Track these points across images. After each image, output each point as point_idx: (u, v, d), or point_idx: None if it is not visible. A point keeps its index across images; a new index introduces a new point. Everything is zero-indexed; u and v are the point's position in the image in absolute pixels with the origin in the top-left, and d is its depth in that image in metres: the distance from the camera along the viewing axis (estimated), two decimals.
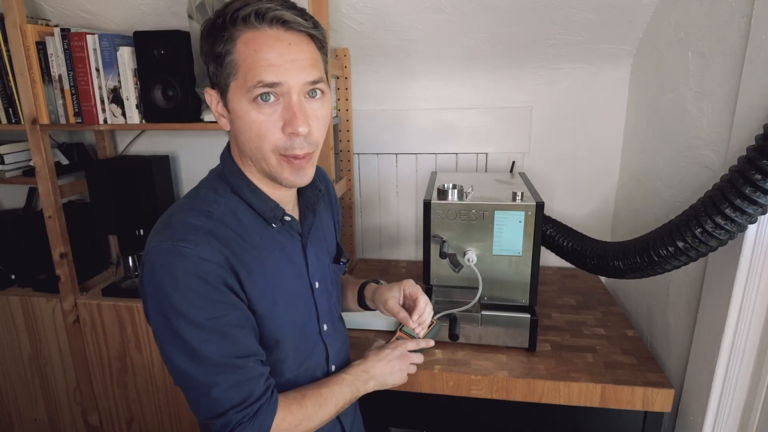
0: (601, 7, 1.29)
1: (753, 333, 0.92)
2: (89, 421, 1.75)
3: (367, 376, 0.91)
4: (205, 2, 1.33)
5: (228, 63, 0.70)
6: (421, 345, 1.00)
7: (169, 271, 0.68)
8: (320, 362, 0.90)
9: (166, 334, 0.70)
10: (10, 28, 1.39)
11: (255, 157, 0.74)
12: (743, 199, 0.79)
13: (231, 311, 0.72)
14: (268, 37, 0.69)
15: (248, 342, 0.74)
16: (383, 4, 1.37)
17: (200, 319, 0.69)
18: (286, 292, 0.82)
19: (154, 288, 0.69)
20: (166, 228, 0.72)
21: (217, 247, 0.71)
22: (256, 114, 0.70)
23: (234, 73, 0.70)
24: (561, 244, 1.16)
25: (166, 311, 0.69)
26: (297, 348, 0.84)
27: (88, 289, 1.69)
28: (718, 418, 0.98)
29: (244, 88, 0.69)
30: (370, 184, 1.76)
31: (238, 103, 0.71)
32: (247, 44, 0.69)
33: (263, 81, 0.68)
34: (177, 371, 0.71)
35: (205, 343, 0.70)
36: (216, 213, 0.75)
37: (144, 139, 1.82)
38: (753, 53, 0.86)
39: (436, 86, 1.62)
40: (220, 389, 0.70)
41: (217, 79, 0.73)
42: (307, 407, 0.80)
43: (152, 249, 0.70)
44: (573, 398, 1.07)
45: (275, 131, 0.71)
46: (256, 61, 0.68)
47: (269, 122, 0.70)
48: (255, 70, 0.68)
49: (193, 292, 0.69)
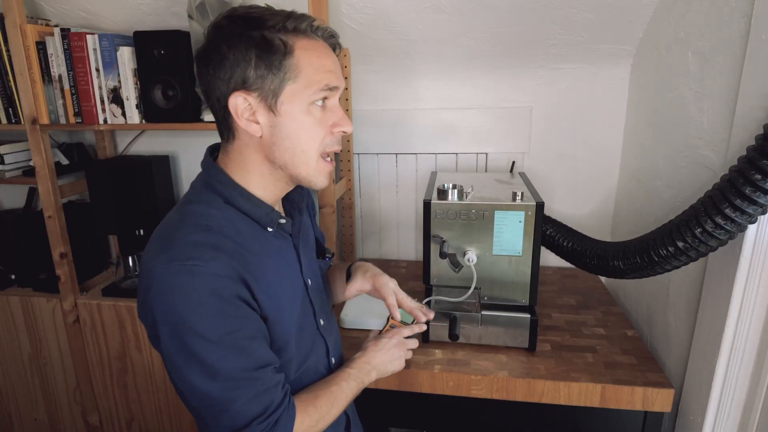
0: (601, 7, 1.29)
1: (753, 333, 0.92)
2: (89, 421, 1.75)
3: (369, 367, 0.93)
4: (205, 2, 1.33)
5: (287, 66, 0.72)
6: (415, 330, 1.02)
7: (182, 292, 0.67)
8: (321, 357, 0.91)
9: (181, 357, 0.69)
10: (10, 28, 1.39)
11: (296, 161, 0.76)
12: (743, 199, 0.79)
13: (246, 324, 0.72)
14: (322, 46, 0.75)
15: (263, 352, 0.74)
16: (383, 4, 1.37)
17: (216, 335, 0.68)
18: (288, 294, 0.82)
19: (164, 311, 0.68)
20: (166, 248, 0.70)
21: (225, 260, 0.70)
22: (311, 117, 0.75)
23: (294, 77, 0.72)
24: (561, 244, 1.16)
25: (180, 333, 0.68)
26: (299, 347, 0.84)
27: (88, 289, 1.69)
28: (718, 418, 0.98)
29: (306, 91, 0.73)
30: (370, 184, 1.76)
31: (293, 105, 0.73)
32: (306, 50, 0.73)
33: (329, 84, 0.74)
34: (195, 392, 0.70)
35: (222, 359, 0.69)
36: (214, 226, 0.74)
37: (144, 139, 1.82)
38: (753, 53, 0.86)
39: (436, 86, 1.62)
40: (241, 403, 0.70)
41: (263, 83, 0.72)
42: (321, 407, 0.81)
43: (160, 272, 0.68)
44: (573, 398, 1.07)
45: (325, 131, 0.77)
46: (320, 67, 0.73)
47: (321, 124, 0.76)
48: (321, 74, 0.73)
49: (207, 309, 0.68)
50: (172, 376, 0.73)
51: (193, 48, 1.38)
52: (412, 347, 1.01)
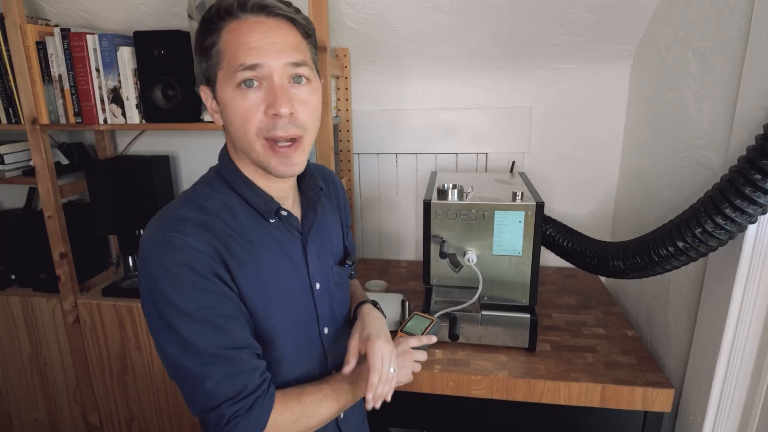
0: (601, 7, 1.29)
1: (753, 333, 0.92)
2: (89, 421, 1.75)
3: None
4: (205, 2, 1.33)
5: (214, 53, 0.73)
6: (424, 341, 0.98)
7: (159, 260, 0.69)
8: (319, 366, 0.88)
9: (159, 325, 0.70)
10: (10, 28, 1.39)
11: (243, 146, 0.75)
12: (743, 199, 0.79)
13: (221, 301, 0.72)
14: (250, 23, 0.71)
15: (241, 334, 0.73)
16: (383, 4, 1.37)
17: (190, 308, 0.69)
18: (283, 290, 0.80)
19: (146, 278, 0.70)
20: (159, 220, 0.73)
21: (207, 237, 0.71)
22: (241, 100, 0.71)
23: (219, 62, 0.72)
24: (561, 244, 1.16)
25: (157, 301, 0.69)
26: (297, 350, 0.82)
27: (88, 289, 1.69)
28: (718, 418, 0.98)
29: (228, 74, 0.71)
30: (370, 184, 1.76)
31: (225, 92, 0.73)
32: (230, 32, 0.72)
33: (244, 63, 0.70)
34: (170, 363, 0.71)
35: (195, 333, 0.69)
36: (210, 207, 0.75)
37: (144, 139, 1.82)
38: (753, 53, 0.86)
39: (436, 86, 1.62)
40: (213, 381, 0.70)
41: (207, 73, 0.75)
42: (306, 403, 0.78)
43: (144, 240, 0.71)
44: (573, 398, 1.07)
45: (258, 114, 0.72)
46: (238, 47, 0.71)
47: (252, 106, 0.72)
48: (237, 54, 0.70)
49: (181, 281, 0.69)
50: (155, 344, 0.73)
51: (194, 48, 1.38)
52: (419, 359, 0.96)
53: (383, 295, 1.45)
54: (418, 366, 0.97)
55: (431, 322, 1.03)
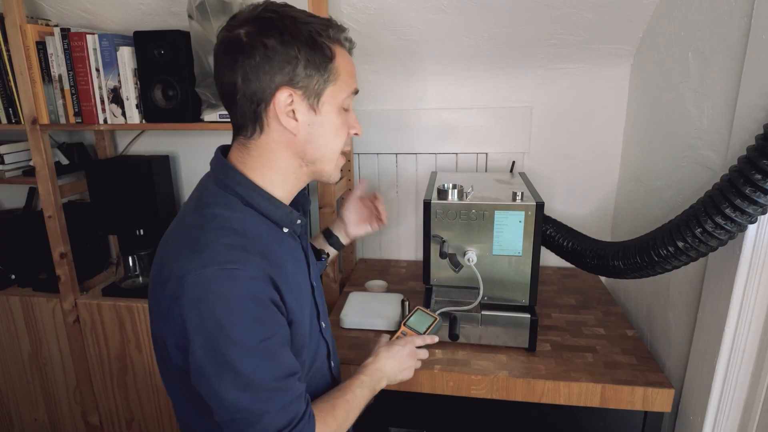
0: (601, 7, 1.29)
1: (753, 333, 0.92)
2: (89, 421, 1.75)
3: (380, 374, 0.92)
4: (205, 2, 1.33)
5: (331, 69, 0.75)
6: (428, 341, 1.02)
7: (221, 297, 0.65)
8: (324, 360, 0.91)
9: (214, 369, 0.66)
10: (10, 28, 1.39)
11: (325, 158, 0.80)
12: (743, 199, 0.79)
13: (278, 330, 0.71)
14: (349, 57, 0.81)
15: (290, 360, 0.73)
16: (383, 3, 1.37)
17: (253, 343, 0.67)
18: (302, 295, 0.82)
19: (199, 320, 0.65)
20: (199, 252, 0.68)
21: (258, 262, 0.69)
22: (341, 119, 0.80)
23: (334, 80, 0.76)
24: (561, 244, 1.16)
25: (216, 342, 0.65)
26: (309, 350, 0.84)
27: (88, 289, 1.69)
28: (718, 418, 0.98)
29: (342, 93, 0.78)
30: (370, 184, 1.76)
31: (333, 106, 0.77)
32: (342, 58, 0.78)
33: (357, 90, 0.82)
34: (226, 404, 0.68)
35: (257, 369, 0.67)
36: (239, 229, 0.72)
37: (144, 139, 1.82)
38: (753, 53, 0.86)
39: (436, 86, 1.62)
40: (271, 416, 0.68)
41: (309, 81, 0.74)
42: (339, 416, 0.81)
43: (194, 278, 0.66)
44: (573, 398, 1.07)
45: (347, 132, 0.82)
46: (350, 74, 0.79)
47: (345, 125, 0.81)
48: (351, 80, 0.80)
49: (246, 315, 0.66)
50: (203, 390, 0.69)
51: (194, 48, 1.38)
52: (422, 358, 1.01)
53: (383, 295, 1.45)
54: (419, 363, 1.01)
55: (434, 320, 1.06)
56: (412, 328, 1.04)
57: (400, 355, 0.96)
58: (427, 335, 1.02)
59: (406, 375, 0.97)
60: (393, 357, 0.95)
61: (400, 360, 0.95)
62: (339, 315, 1.32)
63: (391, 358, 0.95)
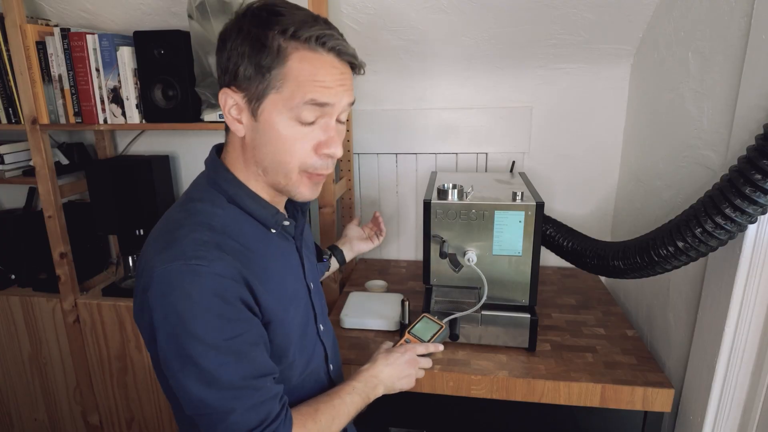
0: (601, 7, 1.29)
1: (753, 333, 0.92)
2: (89, 421, 1.75)
3: (376, 381, 0.89)
4: (205, 2, 1.33)
5: (275, 75, 0.69)
6: (431, 350, 0.99)
7: (184, 292, 0.65)
8: (321, 363, 0.90)
9: (177, 362, 0.66)
10: (10, 28, 1.39)
11: (274, 170, 0.73)
12: (743, 199, 0.79)
13: (248, 328, 0.70)
14: (325, 61, 0.70)
15: (263, 360, 0.72)
16: (383, 4, 1.37)
17: (217, 340, 0.66)
18: (290, 297, 0.81)
19: (164, 313, 0.66)
20: (168, 246, 0.68)
21: (230, 261, 0.68)
22: (293, 131, 0.70)
23: (279, 86, 0.69)
24: (561, 244, 1.16)
25: (179, 337, 0.65)
26: (301, 352, 0.83)
27: (88, 289, 1.69)
28: (718, 418, 0.98)
29: (289, 103, 0.69)
30: (370, 184, 1.76)
31: (276, 115, 0.70)
32: (302, 62, 0.69)
33: (315, 100, 0.69)
34: (191, 399, 0.67)
35: (222, 366, 0.66)
36: (217, 225, 0.71)
37: (144, 139, 1.82)
38: (753, 53, 0.86)
39: (436, 86, 1.62)
40: (238, 414, 0.67)
41: (249, 84, 0.70)
42: (321, 422, 0.78)
43: (160, 271, 0.66)
44: (573, 398, 1.07)
45: (308, 149, 0.72)
46: (311, 82, 0.69)
47: (305, 141, 0.71)
48: (307, 88, 0.69)
49: (209, 312, 0.65)
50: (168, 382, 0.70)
51: (194, 48, 1.38)
52: (424, 366, 0.97)
53: (383, 295, 1.45)
54: (422, 372, 0.98)
55: (440, 328, 1.03)
56: (416, 336, 1.01)
57: (399, 363, 0.93)
58: (431, 344, 0.99)
59: (406, 383, 0.93)
60: (391, 364, 0.92)
61: (399, 368, 0.92)
62: (339, 315, 1.32)
63: (389, 366, 0.92)
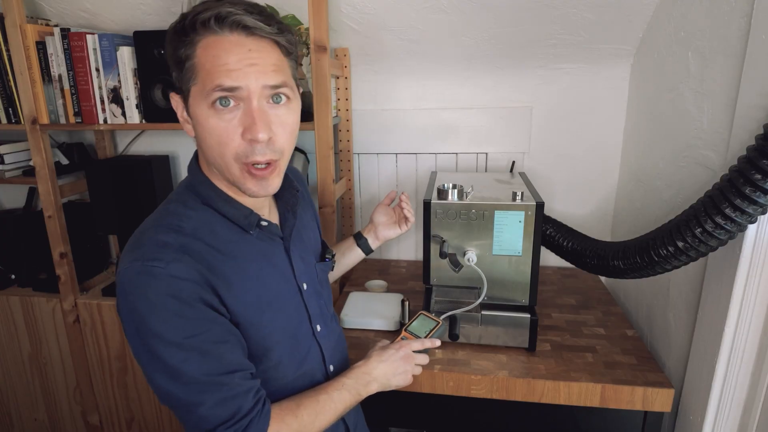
0: (601, 7, 1.29)
1: (753, 333, 0.92)
2: (89, 421, 1.75)
3: (369, 378, 0.88)
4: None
5: (188, 68, 0.69)
6: (427, 345, 0.97)
7: (141, 292, 0.67)
8: (317, 364, 0.88)
9: (145, 356, 0.69)
10: (10, 28, 1.39)
11: (218, 165, 0.73)
12: (743, 198, 0.79)
13: (210, 327, 0.70)
14: (229, 42, 0.67)
15: (231, 357, 0.72)
16: (383, 4, 1.37)
17: (177, 338, 0.67)
18: (272, 299, 0.80)
19: (128, 310, 0.68)
20: (136, 247, 0.70)
21: (190, 263, 0.69)
22: (216, 120, 0.69)
23: (193, 78, 0.69)
24: (561, 244, 1.16)
25: (142, 333, 0.68)
26: (291, 353, 0.82)
27: (88, 289, 1.69)
28: (718, 418, 0.98)
29: (203, 92, 0.68)
30: (370, 184, 1.76)
31: (198, 108, 0.70)
32: (206, 49, 0.68)
33: (221, 85, 0.67)
34: (161, 392, 0.70)
35: (185, 362, 0.68)
36: (187, 228, 0.73)
37: (144, 139, 1.82)
38: (753, 53, 0.86)
39: (436, 86, 1.62)
40: (206, 407, 0.69)
41: (179, 84, 0.72)
42: (303, 417, 0.77)
43: (123, 270, 0.69)
44: (573, 398, 1.07)
45: (235, 137, 0.69)
46: (215, 66, 0.67)
47: (229, 128, 0.69)
48: (213, 74, 0.67)
49: (166, 311, 0.67)
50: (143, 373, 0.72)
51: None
52: (421, 363, 0.95)
53: (383, 295, 1.45)
54: (419, 369, 0.96)
55: (437, 324, 1.02)
56: (413, 333, 1.00)
57: (394, 359, 0.91)
58: (428, 339, 0.97)
59: (402, 380, 0.92)
60: (385, 361, 0.90)
61: (394, 364, 0.90)
62: (339, 315, 1.32)
63: (384, 362, 0.90)
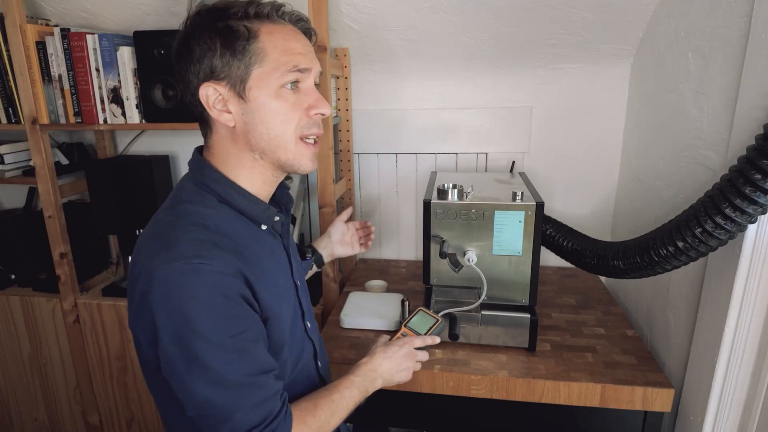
0: (601, 7, 1.29)
1: (753, 333, 0.92)
2: (89, 421, 1.75)
3: (374, 375, 0.90)
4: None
5: (252, 51, 0.71)
6: (427, 342, 0.99)
7: (187, 291, 0.65)
8: (310, 360, 0.90)
9: (183, 363, 0.66)
10: (10, 28, 1.39)
11: (273, 147, 0.75)
12: (743, 198, 0.79)
13: (250, 325, 0.70)
14: (290, 30, 0.75)
15: (265, 356, 0.72)
16: (383, 4, 1.37)
17: (222, 338, 0.66)
18: (282, 293, 0.81)
19: (168, 313, 0.66)
20: (167, 247, 0.68)
21: (229, 258, 0.69)
22: (282, 101, 0.73)
23: (260, 61, 0.72)
24: (561, 244, 1.16)
25: (184, 337, 0.65)
26: (291, 349, 0.83)
27: (88, 289, 1.69)
28: (718, 418, 0.98)
29: (274, 74, 0.72)
30: (370, 184, 1.76)
31: (263, 89, 0.73)
32: (272, 34, 0.73)
33: (298, 66, 0.73)
34: (197, 401, 0.67)
35: (228, 365, 0.67)
36: (211, 225, 0.72)
37: (144, 139, 1.82)
38: (753, 53, 0.86)
39: (436, 86, 1.62)
40: (243, 411, 0.67)
41: (229, 70, 0.72)
42: (321, 417, 0.78)
43: (161, 272, 0.66)
44: (573, 398, 1.07)
45: (301, 114, 0.75)
46: (287, 49, 0.73)
47: (294, 106, 0.75)
48: (288, 56, 0.72)
49: (214, 310, 0.66)
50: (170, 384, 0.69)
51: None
52: (421, 359, 0.98)
53: (383, 295, 1.45)
54: (419, 365, 0.98)
55: (436, 321, 1.04)
56: (413, 330, 1.02)
57: (397, 356, 0.93)
58: (428, 336, 1.00)
59: (404, 377, 0.94)
60: (389, 358, 0.92)
61: (397, 361, 0.93)
62: (339, 315, 1.32)
63: (387, 359, 0.92)
